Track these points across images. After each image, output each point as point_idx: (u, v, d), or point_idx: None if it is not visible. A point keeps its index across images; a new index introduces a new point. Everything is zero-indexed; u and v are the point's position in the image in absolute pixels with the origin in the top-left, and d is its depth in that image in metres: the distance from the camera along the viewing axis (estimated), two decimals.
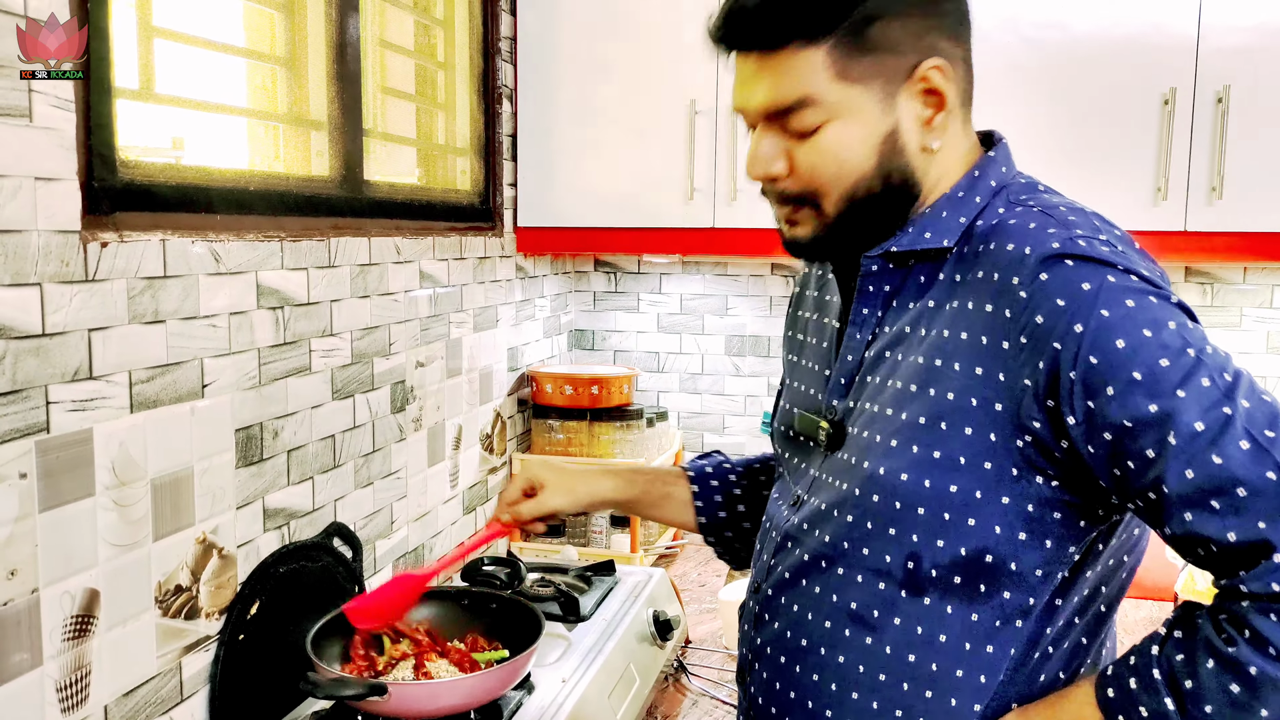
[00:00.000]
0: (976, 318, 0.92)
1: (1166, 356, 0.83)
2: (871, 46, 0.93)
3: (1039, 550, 0.92)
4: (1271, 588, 0.80)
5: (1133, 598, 2.07)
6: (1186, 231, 1.98)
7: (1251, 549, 0.81)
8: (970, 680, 0.95)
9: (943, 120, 0.96)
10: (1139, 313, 0.85)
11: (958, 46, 0.97)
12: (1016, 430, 0.89)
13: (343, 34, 1.65)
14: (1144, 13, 1.96)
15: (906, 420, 0.95)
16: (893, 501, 0.95)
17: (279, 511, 1.45)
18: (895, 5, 0.93)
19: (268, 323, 1.40)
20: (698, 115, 2.14)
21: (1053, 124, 2.01)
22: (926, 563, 0.94)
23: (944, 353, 0.94)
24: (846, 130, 0.95)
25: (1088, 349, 0.85)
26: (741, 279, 2.59)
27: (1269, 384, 2.33)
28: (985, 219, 0.97)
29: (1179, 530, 0.84)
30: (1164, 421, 0.82)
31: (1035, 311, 0.87)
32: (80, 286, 1.10)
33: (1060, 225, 0.90)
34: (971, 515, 0.92)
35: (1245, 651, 0.81)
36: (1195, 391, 0.82)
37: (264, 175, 1.51)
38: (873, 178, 0.97)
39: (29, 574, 1.04)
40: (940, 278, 0.98)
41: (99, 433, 1.12)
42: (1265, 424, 0.82)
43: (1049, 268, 0.87)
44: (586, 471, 1.34)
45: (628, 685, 1.60)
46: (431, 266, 1.88)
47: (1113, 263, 0.87)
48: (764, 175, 1.00)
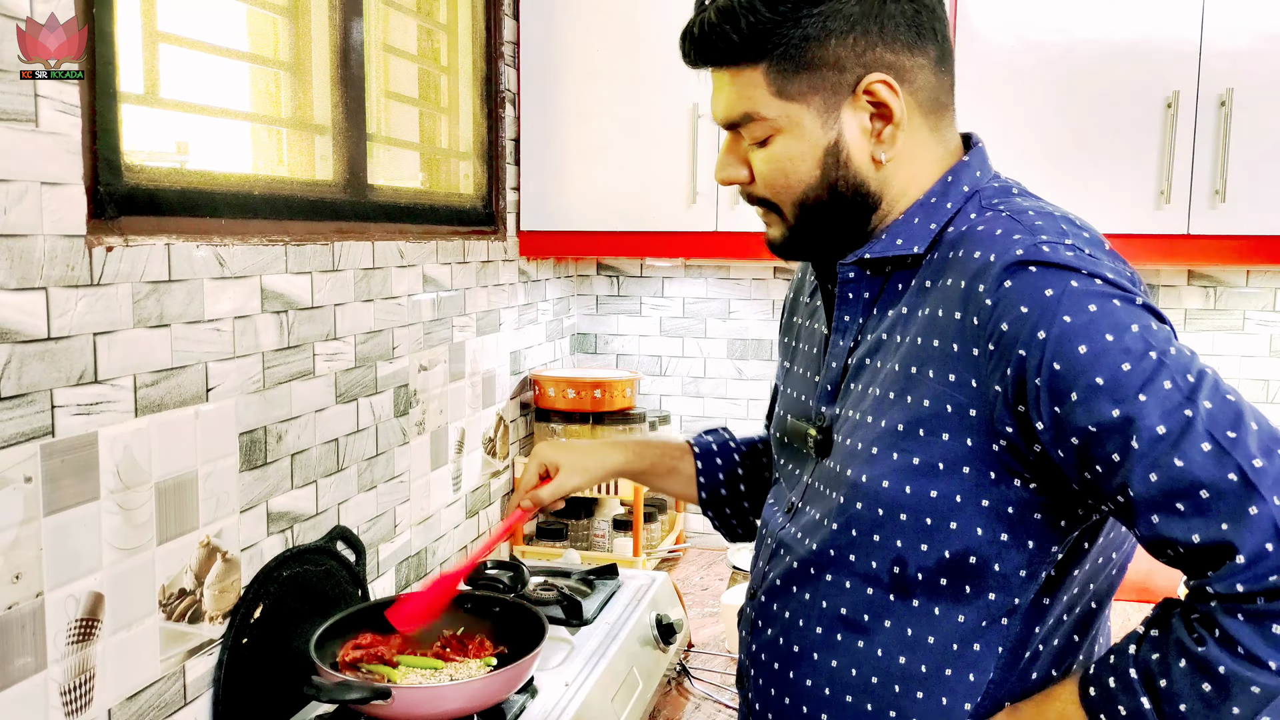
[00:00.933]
0: (948, 325, 0.93)
1: (1128, 360, 0.84)
2: (809, 65, 0.97)
3: (1022, 550, 0.93)
4: (1236, 589, 0.81)
5: (1137, 600, 2.07)
6: (1189, 235, 1.98)
7: (1216, 550, 0.82)
8: (960, 679, 0.96)
9: (891, 133, 0.98)
10: (1101, 317, 0.85)
11: (915, 57, 0.98)
12: (991, 435, 0.91)
13: (346, 39, 1.66)
14: (1147, 17, 1.96)
15: (886, 427, 0.96)
16: (876, 508, 0.97)
17: (283, 515, 1.45)
18: (833, 25, 0.95)
19: (272, 326, 1.41)
20: (700, 119, 2.14)
21: (1056, 128, 2.01)
22: (912, 566, 0.96)
23: (919, 360, 0.95)
24: (790, 144, 0.99)
25: (1051, 355, 0.86)
26: (744, 282, 2.59)
27: (1270, 388, 2.33)
28: (956, 225, 0.98)
29: (1147, 532, 0.85)
30: (1127, 425, 0.83)
31: (1001, 319, 0.88)
32: (85, 290, 1.10)
33: (1026, 231, 0.91)
34: (953, 519, 0.93)
35: (1215, 651, 0.82)
36: (1157, 395, 0.83)
37: (268, 179, 1.51)
38: (818, 188, 1.00)
39: (33, 578, 1.04)
40: (914, 284, 0.99)
41: (104, 436, 1.12)
42: (1228, 425, 0.82)
43: (1013, 275, 0.88)
44: (597, 445, 1.37)
45: (630, 689, 1.60)
46: (434, 270, 1.88)
47: (1076, 267, 0.87)
48: (724, 180, 1.06)
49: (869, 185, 1.00)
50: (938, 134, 1.02)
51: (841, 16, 0.95)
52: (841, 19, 0.95)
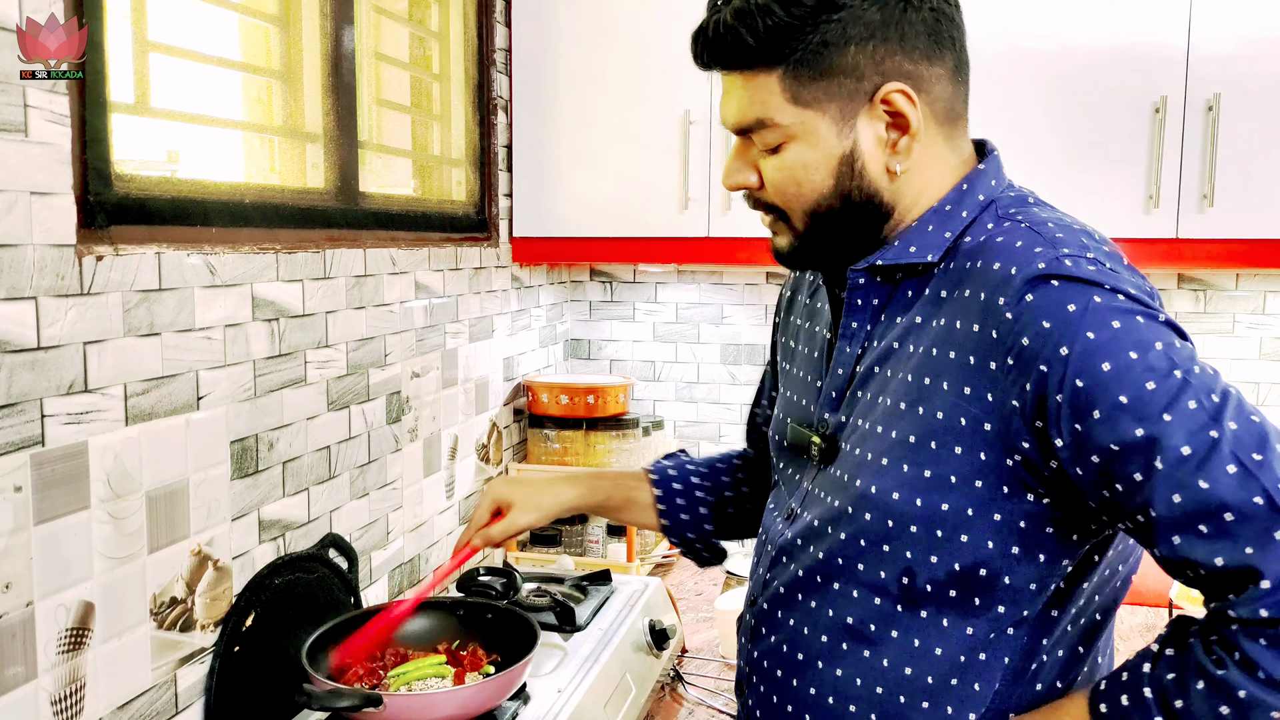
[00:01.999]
0: (965, 337, 0.92)
1: (1153, 379, 0.83)
2: (826, 72, 0.94)
3: (1033, 564, 0.93)
4: (1259, 614, 0.80)
5: (1129, 604, 2.08)
6: (1178, 239, 1.99)
7: (1239, 574, 0.81)
8: (965, 690, 0.96)
9: (907, 144, 0.96)
10: (1125, 334, 0.84)
11: (933, 67, 0.96)
12: (1006, 450, 0.90)
13: (338, 47, 1.66)
14: (1135, 23, 1.97)
15: (897, 438, 0.95)
16: (885, 519, 0.95)
17: (274, 523, 1.45)
18: (852, 32, 0.93)
19: (263, 334, 1.41)
20: (692, 125, 2.15)
21: (1046, 133, 2.02)
22: (921, 578, 0.95)
23: (933, 371, 0.94)
24: (803, 151, 0.97)
25: (1074, 372, 0.84)
26: (737, 288, 2.59)
27: (1262, 390, 2.34)
28: (973, 235, 0.97)
29: (1168, 553, 0.84)
30: (1151, 445, 0.82)
31: (1022, 334, 0.87)
32: (76, 300, 1.10)
33: (1047, 244, 0.90)
34: (964, 532, 0.92)
35: (1235, 675, 0.81)
36: (1182, 414, 0.82)
37: (259, 188, 1.51)
38: (831, 197, 0.98)
39: (24, 587, 1.04)
40: (926, 293, 0.98)
41: (94, 445, 1.13)
42: (1254, 447, 0.81)
43: (1035, 289, 0.87)
44: (550, 482, 1.35)
45: (624, 695, 1.60)
46: (427, 277, 1.88)
47: (1099, 282, 0.86)
48: (733, 186, 1.04)
49: (882, 195, 0.98)
50: (952, 143, 1.00)
51: (862, 23, 0.93)
52: (862, 26, 0.93)
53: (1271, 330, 2.33)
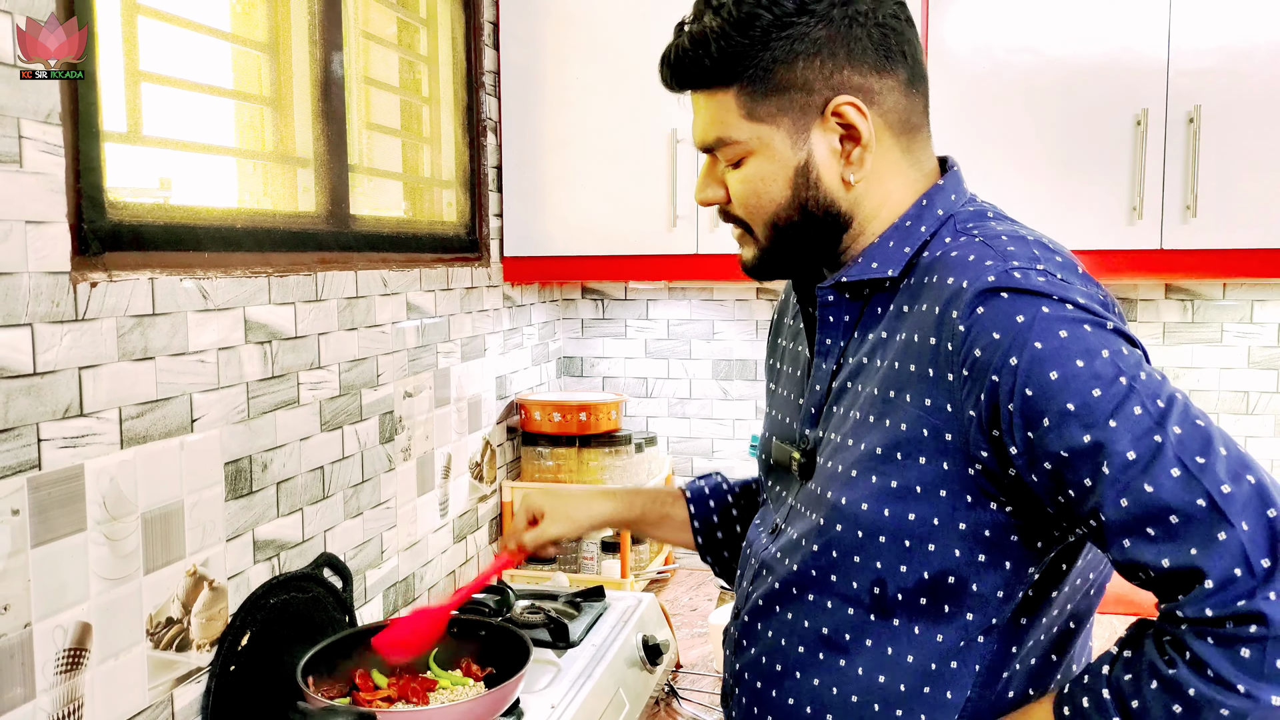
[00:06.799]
0: (923, 350, 0.94)
1: (1099, 386, 0.85)
2: (778, 88, 0.98)
3: (999, 571, 0.95)
4: (1205, 613, 0.82)
5: (1121, 613, 2.09)
6: (1163, 250, 2.02)
7: (1186, 575, 0.83)
8: (937, 697, 0.97)
9: (860, 154, 0.99)
10: (1072, 343, 0.86)
11: (884, 79, 0.99)
12: (967, 460, 0.92)
13: (327, 72, 1.69)
14: (1114, 36, 2.00)
15: (865, 451, 0.98)
16: (856, 530, 0.98)
17: (269, 543, 1.47)
18: (800, 49, 0.97)
19: (256, 357, 1.43)
20: (679, 144, 2.18)
21: (1029, 147, 2.04)
22: (892, 587, 0.97)
23: (896, 385, 0.96)
24: (761, 164, 1.01)
25: (1023, 381, 0.87)
26: (727, 304, 2.61)
27: (1250, 399, 2.36)
28: (931, 249, 0.99)
29: (1119, 556, 0.87)
30: (1098, 451, 0.84)
31: (973, 346, 0.89)
32: (70, 326, 1.12)
33: (998, 257, 0.92)
34: (931, 541, 0.95)
35: (1185, 674, 0.83)
36: (1127, 419, 0.84)
37: (251, 212, 1.53)
38: (789, 208, 1.02)
39: (22, 609, 1.06)
40: (890, 308, 1.00)
41: (90, 469, 1.14)
42: (1197, 450, 0.83)
43: (985, 301, 0.89)
44: (585, 495, 1.38)
45: (617, 710, 1.62)
46: (418, 298, 1.90)
47: (1047, 293, 0.88)
48: (703, 201, 1.08)
49: (839, 205, 1.01)
50: (910, 155, 1.03)
51: (809, 40, 0.97)
52: (809, 42, 0.97)
53: (1260, 339, 2.35)
